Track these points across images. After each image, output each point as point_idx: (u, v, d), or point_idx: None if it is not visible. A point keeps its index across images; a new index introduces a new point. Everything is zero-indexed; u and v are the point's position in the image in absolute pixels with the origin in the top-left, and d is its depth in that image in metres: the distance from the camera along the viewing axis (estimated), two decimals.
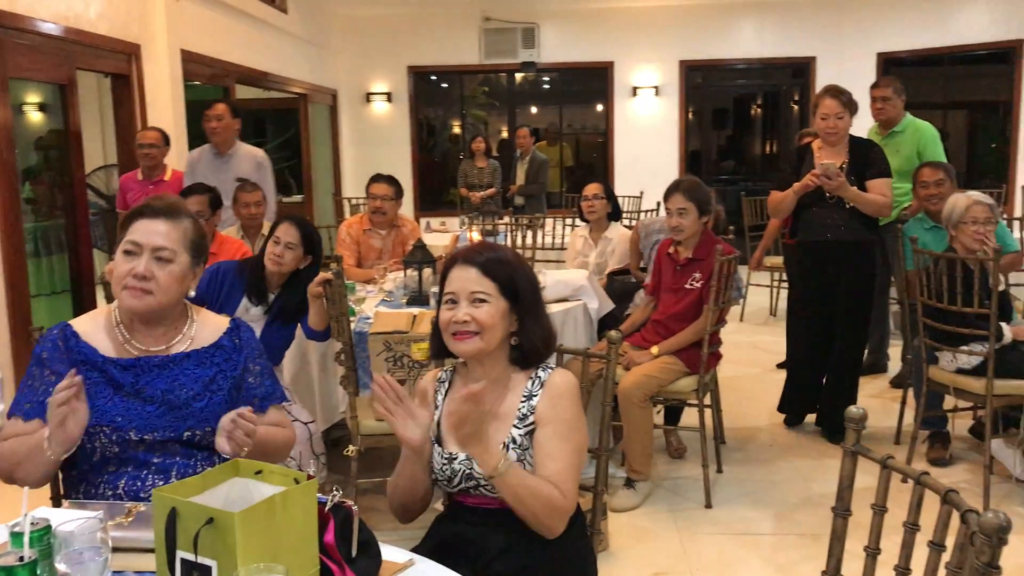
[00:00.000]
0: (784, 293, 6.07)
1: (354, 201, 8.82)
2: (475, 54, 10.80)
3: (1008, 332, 3.77)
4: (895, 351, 5.65)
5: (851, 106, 4.31)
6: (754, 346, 6.62)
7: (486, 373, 2.02)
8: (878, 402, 5.23)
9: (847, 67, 10.15)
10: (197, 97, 8.63)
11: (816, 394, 4.73)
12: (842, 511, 1.69)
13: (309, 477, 1.47)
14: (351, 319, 3.65)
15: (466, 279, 1.99)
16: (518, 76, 11.44)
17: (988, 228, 3.87)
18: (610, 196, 5.14)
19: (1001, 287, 3.85)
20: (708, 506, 3.84)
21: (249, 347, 2.12)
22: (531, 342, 2.01)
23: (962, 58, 10.07)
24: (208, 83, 7.70)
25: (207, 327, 2.11)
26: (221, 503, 1.46)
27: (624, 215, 8.29)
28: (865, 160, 4.32)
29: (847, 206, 4.28)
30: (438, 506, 2.19)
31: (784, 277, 6.41)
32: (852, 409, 1.63)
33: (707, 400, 4.09)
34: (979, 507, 3.64)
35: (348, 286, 4.13)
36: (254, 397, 2.10)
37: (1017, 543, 3.43)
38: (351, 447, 3.42)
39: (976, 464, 4.16)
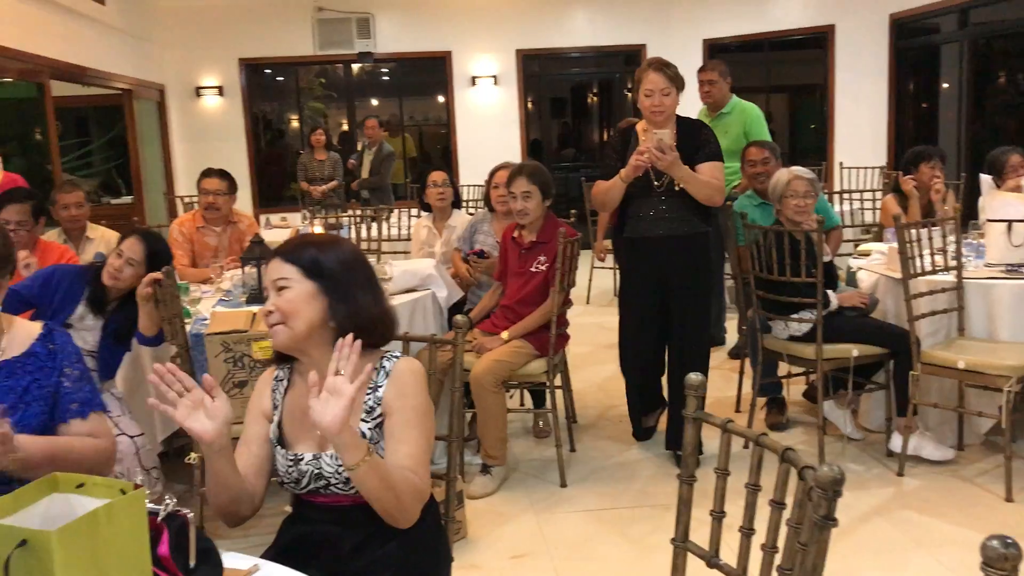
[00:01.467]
0: None
1: (187, 199, 8.45)
2: (309, 45, 10.53)
3: (834, 299, 3.99)
4: (732, 324, 5.90)
5: (677, 81, 3.82)
6: (601, 327, 6.76)
7: (314, 363, 1.91)
8: (718, 373, 5.44)
9: (675, 53, 10.34)
10: (8, 95, 8.05)
11: (660, 402, 4.37)
12: (687, 477, 1.72)
13: (136, 487, 1.37)
14: (186, 321, 3.47)
15: (271, 270, 1.92)
16: (355, 67, 11.24)
17: (808, 201, 4.08)
18: (452, 184, 5.14)
19: (827, 257, 4.07)
20: (563, 485, 3.88)
21: (64, 352, 1.98)
22: (345, 323, 1.89)
23: (781, 43, 10.59)
24: (19, 79, 7.18)
25: (18, 336, 1.96)
26: (38, 522, 1.34)
27: (470, 203, 8.33)
28: (695, 141, 3.87)
29: (678, 195, 3.84)
30: (288, 508, 2.10)
31: None
32: (691, 376, 1.66)
33: (558, 381, 4.13)
34: (815, 464, 3.85)
35: (181, 287, 3.94)
36: (72, 403, 1.96)
37: (850, 497, 3.63)
38: (192, 454, 3.25)
39: (811, 426, 4.39)
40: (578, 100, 13.42)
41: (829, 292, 3.97)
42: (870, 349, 3.93)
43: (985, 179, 4.43)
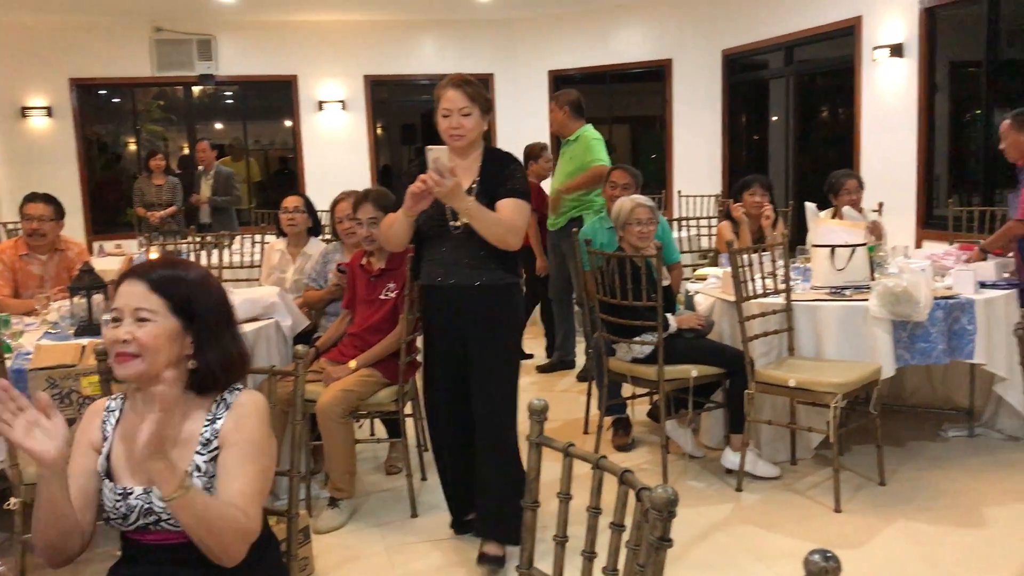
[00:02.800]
0: None
1: (11, 225, 7.93)
2: (147, 66, 10.13)
3: (674, 322, 4.13)
4: (582, 347, 6.01)
5: (480, 101, 3.24)
6: None
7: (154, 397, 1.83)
8: (567, 396, 5.53)
9: (523, 84, 10.76)
10: None
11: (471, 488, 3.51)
12: (531, 503, 1.72)
13: None
14: (6, 356, 3.24)
15: (132, 294, 1.82)
16: (196, 90, 10.87)
17: (650, 228, 4.22)
18: (311, 211, 5.00)
19: (666, 282, 4.21)
20: (414, 515, 3.83)
21: None
22: (209, 367, 1.86)
23: (623, 75, 10.96)
24: None
25: None
26: None
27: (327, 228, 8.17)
28: (500, 175, 3.25)
29: (478, 238, 3.17)
30: (117, 552, 1.98)
31: None
32: (533, 401, 1.67)
33: (408, 409, 4.09)
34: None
35: (2, 319, 3.69)
36: None
37: (692, 514, 3.75)
38: (13, 499, 3.03)
39: (656, 445, 4.50)
40: (428, 127, 13.40)
41: (669, 315, 4.11)
42: (708, 369, 4.08)
43: (810, 207, 4.70)
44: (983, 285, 4.28)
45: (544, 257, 6.12)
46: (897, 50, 7.31)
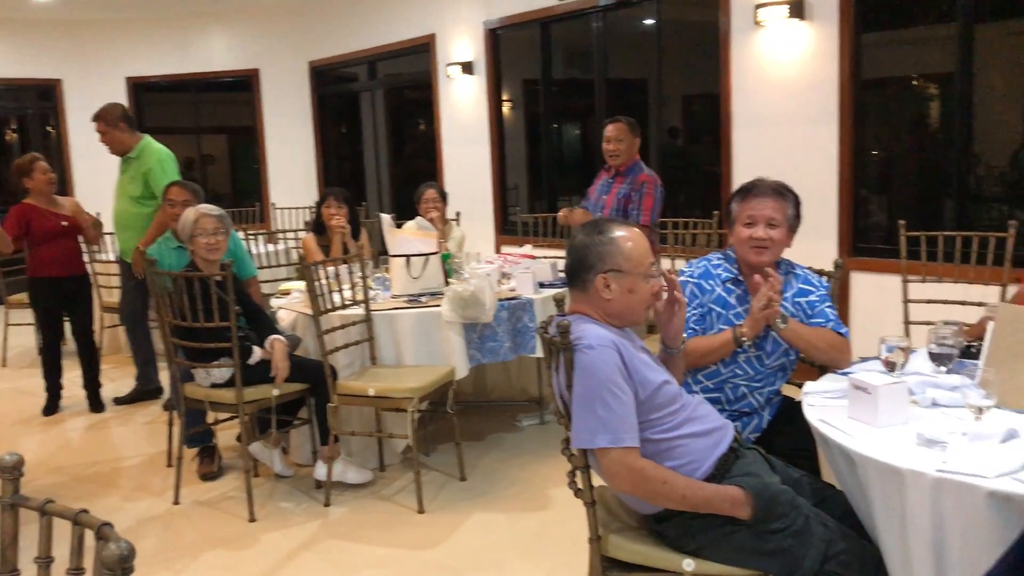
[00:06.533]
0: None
1: None
2: None
3: (258, 353, 3.96)
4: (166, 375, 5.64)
5: None
6: (19, 391, 6.02)
7: None
8: (151, 427, 5.17)
9: (98, 90, 9.89)
10: None
11: None
12: (8, 572, 1.48)
13: None
14: None
15: None
16: None
17: (219, 238, 4.04)
18: None
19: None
20: None
21: None
22: None
23: (212, 84, 10.53)
24: None
25: None
26: None
27: None
28: None
29: None
30: None
31: None
32: (4, 457, 1.46)
33: None
34: (247, 512, 3.82)
35: None
36: None
37: (279, 537, 3.65)
38: None
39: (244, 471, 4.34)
40: None
41: (256, 348, 3.95)
42: (291, 387, 4.01)
43: (385, 218, 4.81)
44: (542, 285, 4.66)
45: None
46: (468, 67, 7.79)
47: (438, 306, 4.22)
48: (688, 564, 2.19)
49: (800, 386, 2.61)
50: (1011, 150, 5.19)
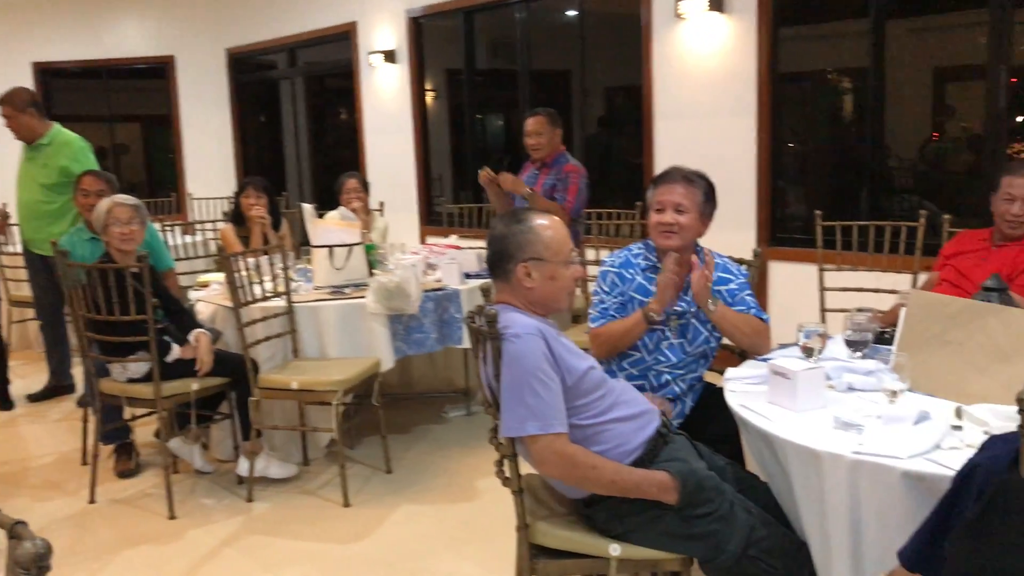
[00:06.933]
0: None
1: None
2: None
3: (176, 351, 3.86)
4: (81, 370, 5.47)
5: None
6: None
7: None
8: (65, 425, 5.01)
9: (2, 76, 9.49)
10: None
11: None
12: None
13: None
14: None
15: None
16: None
17: (134, 228, 3.92)
18: None
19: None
20: None
21: None
22: None
23: (125, 71, 10.21)
24: None
25: None
26: None
27: None
28: None
29: None
30: None
31: None
32: None
33: None
34: (166, 509, 3.72)
35: None
36: None
37: (201, 534, 3.58)
38: None
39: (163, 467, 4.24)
40: None
41: (174, 346, 3.85)
42: (210, 381, 3.92)
43: (306, 208, 4.74)
44: (468, 276, 4.65)
45: None
46: (390, 56, 7.71)
47: (362, 297, 4.18)
48: (614, 549, 2.21)
49: (722, 373, 2.66)
50: (920, 142, 5.38)
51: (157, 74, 10.04)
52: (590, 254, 5.24)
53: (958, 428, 2.03)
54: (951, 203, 5.03)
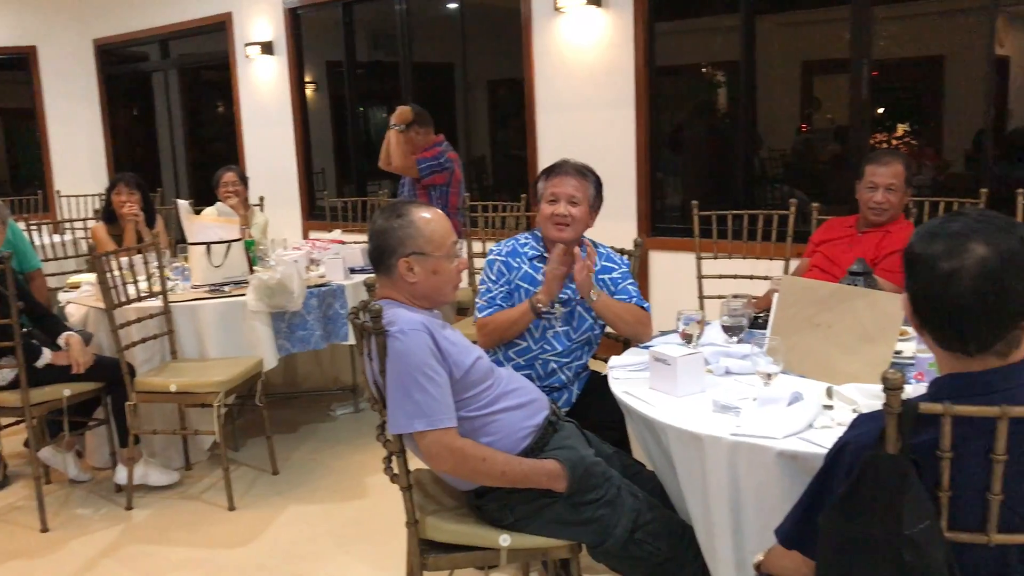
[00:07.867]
0: None
1: None
2: None
3: (47, 356, 3.67)
4: None
5: None
6: None
7: None
8: None
9: None
10: None
11: None
12: None
13: None
14: None
15: None
16: None
17: None
18: None
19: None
20: None
21: None
22: None
23: None
24: None
25: None
26: None
27: None
28: None
29: None
30: None
31: None
32: None
33: None
34: (38, 522, 3.55)
35: None
36: None
37: (77, 545, 3.43)
38: None
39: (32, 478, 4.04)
40: None
41: (45, 349, 3.66)
42: (84, 386, 3.75)
43: (182, 204, 4.58)
44: (353, 271, 4.59)
45: None
46: (268, 48, 7.52)
47: (243, 295, 4.07)
48: (504, 539, 2.23)
49: (606, 361, 2.71)
50: (790, 134, 5.60)
51: (18, 65, 9.52)
52: (476, 246, 5.25)
53: (829, 407, 2.12)
54: (819, 191, 5.26)
